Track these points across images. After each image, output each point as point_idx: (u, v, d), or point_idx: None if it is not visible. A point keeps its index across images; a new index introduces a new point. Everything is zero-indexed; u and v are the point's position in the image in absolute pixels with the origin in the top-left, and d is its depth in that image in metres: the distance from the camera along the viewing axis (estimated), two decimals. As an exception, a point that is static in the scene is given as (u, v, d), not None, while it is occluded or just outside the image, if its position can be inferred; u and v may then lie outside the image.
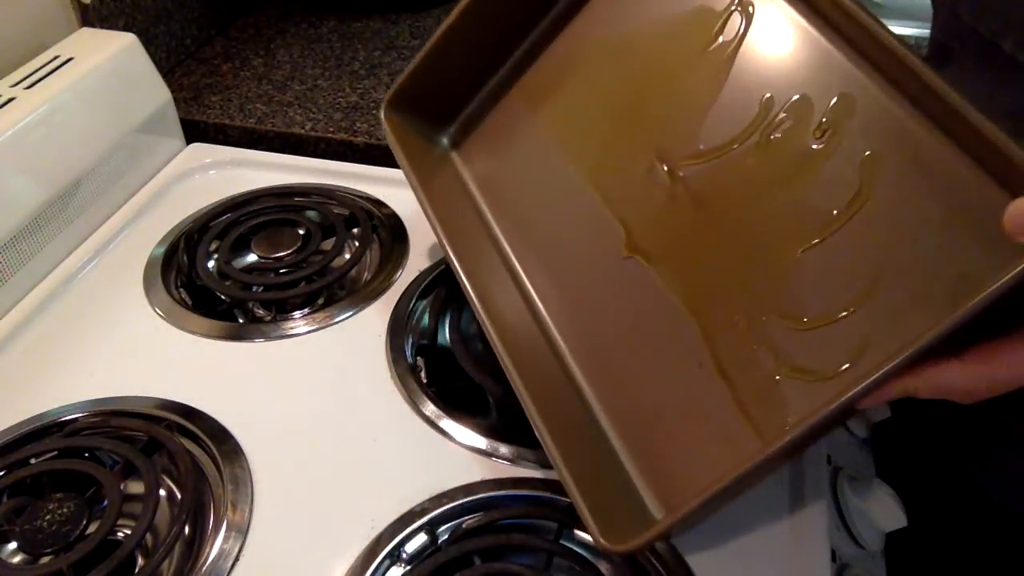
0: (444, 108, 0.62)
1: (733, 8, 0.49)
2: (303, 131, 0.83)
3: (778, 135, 0.45)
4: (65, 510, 0.49)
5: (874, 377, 0.35)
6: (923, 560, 0.64)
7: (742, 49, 0.48)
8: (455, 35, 0.58)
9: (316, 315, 0.64)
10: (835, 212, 0.42)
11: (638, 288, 0.48)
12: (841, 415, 0.36)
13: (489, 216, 0.58)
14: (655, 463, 0.45)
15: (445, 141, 0.63)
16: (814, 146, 0.43)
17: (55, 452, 0.53)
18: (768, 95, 0.46)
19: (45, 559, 0.48)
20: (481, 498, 0.50)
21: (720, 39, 0.49)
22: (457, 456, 0.53)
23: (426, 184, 0.58)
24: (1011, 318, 0.34)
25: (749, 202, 0.46)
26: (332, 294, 0.68)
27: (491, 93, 0.61)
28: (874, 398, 0.36)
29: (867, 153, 0.41)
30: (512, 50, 0.60)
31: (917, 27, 0.96)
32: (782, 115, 0.45)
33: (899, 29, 0.97)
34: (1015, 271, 0.31)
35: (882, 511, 0.54)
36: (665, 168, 0.50)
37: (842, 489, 0.54)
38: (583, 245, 0.52)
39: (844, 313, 0.40)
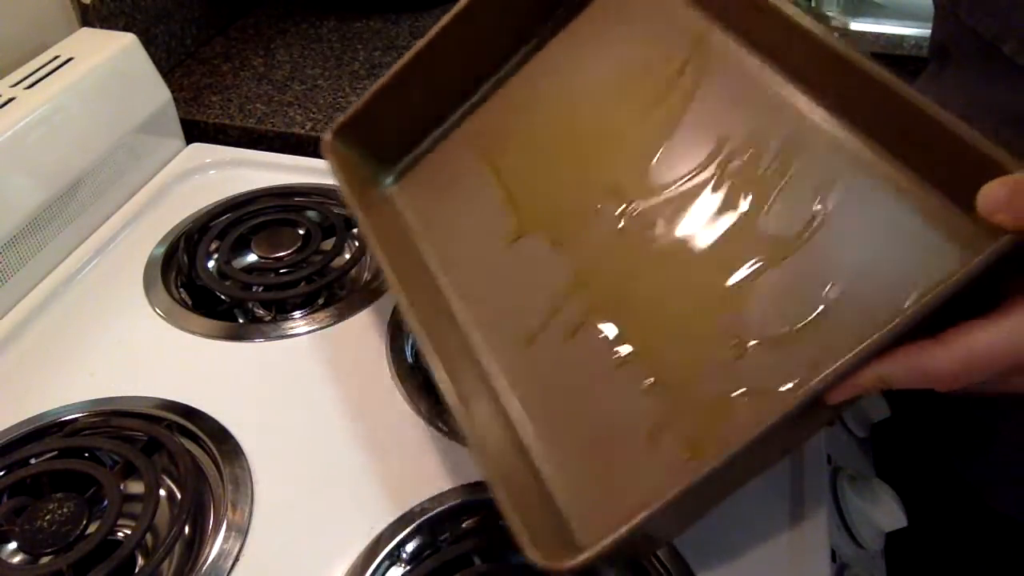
0: (390, 146, 0.59)
1: (687, 57, 0.50)
2: (303, 131, 0.83)
3: (733, 168, 0.46)
4: (65, 510, 0.49)
5: (845, 360, 0.33)
6: (923, 560, 0.64)
7: (698, 91, 0.49)
8: (409, 74, 0.57)
9: (316, 315, 0.64)
10: (791, 237, 0.42)
11: (585, 323, 0.47)
12: (806, 414, 0.35)
13: (428, 256, 0.55)
14: (597, 492, 0.43)
15: (388, 179, 0.60)
16: (769, 176, 0.44)
17: (55, 452, 0.53)
18: (723, 132, 0.47)
19: (45, 559, 0.48)
20: (481, 498, 0.50)
21: (675, 82, 0.50)
22: (457, 456, 0.53)
23: (373, 221, 0.55)
24: (985, 308, 0.33)
25: (703, 233, 0.46)
26: (332, 294, 0.68)
27: (440, 134, 0.59)
28: (846, 390, 0.34)
29: (821, 180, 0.42)
30: (467, 95, 0.59)
31: (917, 27, 0.96)
32: (737, 149, 0.46)
33: (899, 29, 0.97)
34: (985, 255, 0.31)
35: (882, 511, 0.54)
36: (618, 204, 0.49)
37: (842, 489, 0.54)
38: (527, 286, 0.50)
39: (800, 332, 0.40)
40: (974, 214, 0.33)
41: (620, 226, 0.49)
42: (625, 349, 0.45)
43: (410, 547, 0.48)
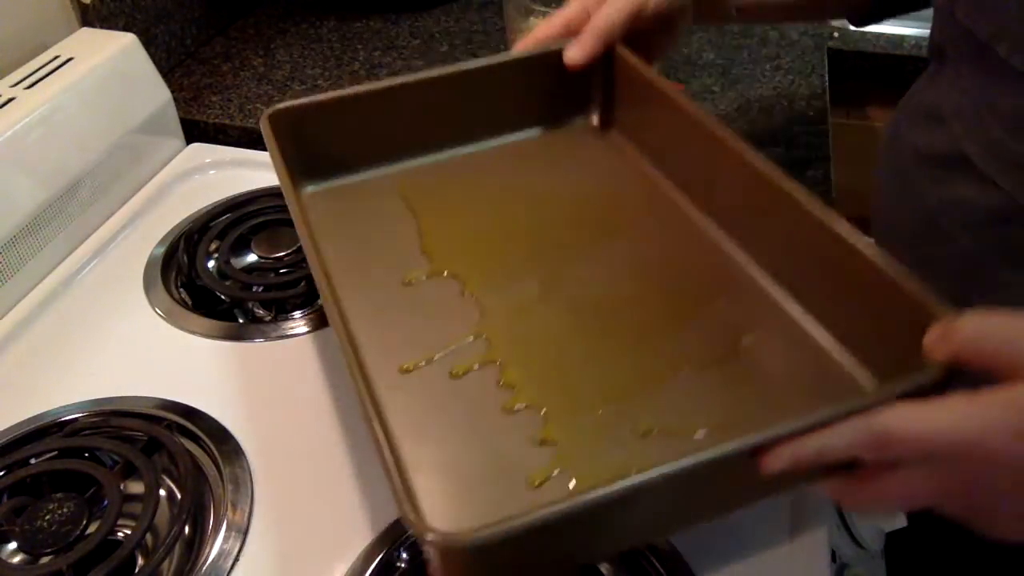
0: (326, 153, 0.58)
1: (638, 199, 0.56)
2: (303, 131, 0.83)
3: (660, 283, 0.51)
4: (65, 510, 0.49)
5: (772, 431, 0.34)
6: (923, 560, 0.64)
7: (640, 221, 0.54)
8: (381, 100, 0.57)
9: (316, 315, 0.64)
10: (708, 352, 0.46)
11: (480, 368, 0.47)
12: (707, 480, 0.36)
13: (328, 263, 0.52)
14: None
15: (311, 185, 0.58)
16: (692, 300, 0.49)
17: (55, 452, 0.53)
18: (656, 256, 0.52)
19: (45, 559, 0.48)
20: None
21: (620, 211, 0.56)
22: (457, 456, 0.53)
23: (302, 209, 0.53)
24: None
25: (625, 323, 0.48)
26: (332, 294, 0.68)
27: (378, 169, 0.59)
28: (783, 457, 0.35)
29: (745, 317, 0.47)
30: (424, 148, 0.59)
31: (917, 27, 0.96)
32: (670, 273, 0.51)
33: (899, 29, 0.97)
34: (926, 374, 0.35)
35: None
36: (540, 279, 0.51)
37: (842, 489, 0.54)
38: (425, 322, 0.49)
39: (702, 433, 0.42)
40: (898, 352, 0.38)
41: (538, 295, 0.50)
42: (521, 404, 0.45)
43: (410, 547, 0.48)
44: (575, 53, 0.56)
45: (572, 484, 0.40)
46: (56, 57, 0.72)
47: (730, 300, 0.49)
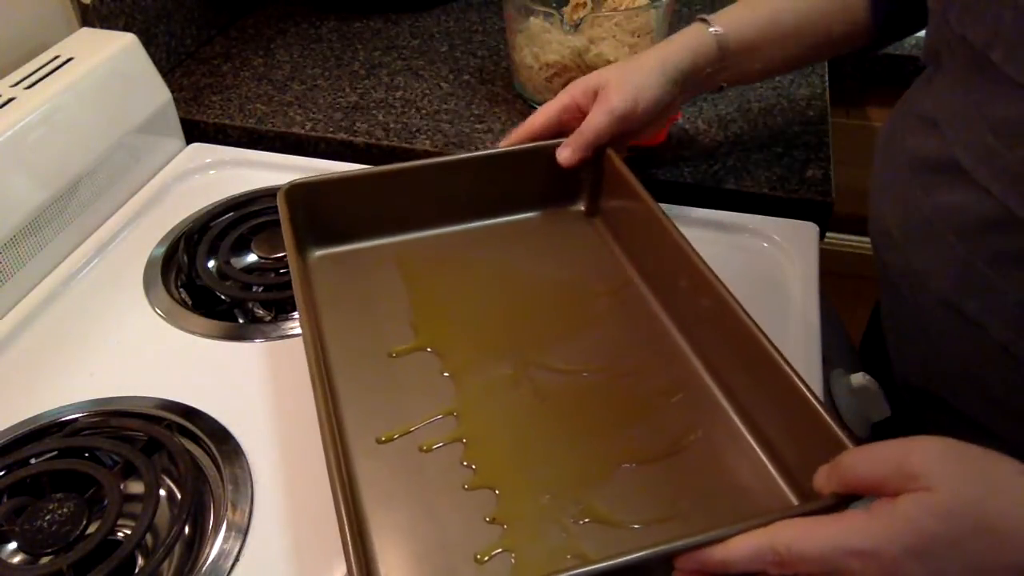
0: (332, 225, 0.63)
1: (611, 290, 0.61)
2: (303, 131, 0.83)
3: (623, 381, 0.54)
4: (65, 510, 0.49)
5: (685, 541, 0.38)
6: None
7: (611, 314, 0.59)
8: (383, 181, 0.62)
9: (316, 315, 0.64)
10: (656, 450, 0.50)
11: (447, 445, 0.51)
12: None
13: (324, 331, 0.58)
14: None
15: (317, 251, 0.64)
16: (651, 398, 0.53)
17: (55, 452, 0.53)
18: (621, 352, 0.56)
19: (45, 559, 0.48)
20: (481, 498, 0.50)
21: (594, 300, 0.60)
22: (457, 456, 0.53)
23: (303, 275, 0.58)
24: None
25: (584, 413, 0.52)
26: (332, 294, 0.68)
27: (379, 240, 0.65)
28: (693, 561, 0.38)
29: (692, 419, 0.51)
30: (423, 224, 0.65)
31: (917, 27, 0.96)
32: (630, 370, 0.55)
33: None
34: (818, 504, 0.40)
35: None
36: (515, 363, 0.55)
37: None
38: (404, 395, 0.53)
39: (637, 526, 0.46)
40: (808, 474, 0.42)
41: (509, 377, 0.54)
42: (477, 481, 0.48)
43: (410, 547, 0.48)
44: (566, 156, 0.63)
45: (513, 560, 0.44)
46: (56, 57, 0.72)
47: (683, 397, 0.53)
